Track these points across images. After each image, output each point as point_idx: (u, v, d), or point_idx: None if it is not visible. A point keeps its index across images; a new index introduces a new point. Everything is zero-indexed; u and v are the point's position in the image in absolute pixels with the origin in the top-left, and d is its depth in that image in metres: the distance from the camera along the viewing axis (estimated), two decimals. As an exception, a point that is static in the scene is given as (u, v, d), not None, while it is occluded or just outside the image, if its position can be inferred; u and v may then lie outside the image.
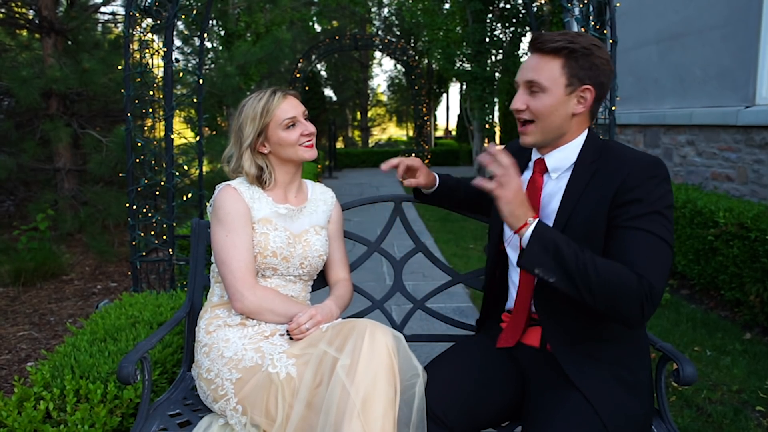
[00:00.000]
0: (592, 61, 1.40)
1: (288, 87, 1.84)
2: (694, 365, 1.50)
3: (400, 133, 32.23)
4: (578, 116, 1.46)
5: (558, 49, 1.39)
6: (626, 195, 1.36)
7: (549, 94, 1.41)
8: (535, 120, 1.45)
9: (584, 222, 1.40)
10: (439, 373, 1.56)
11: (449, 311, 4.01)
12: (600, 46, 1.42)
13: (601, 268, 1.29)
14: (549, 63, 1.41)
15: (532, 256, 1.33)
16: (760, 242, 3.35)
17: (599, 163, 1.43)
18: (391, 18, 22.88)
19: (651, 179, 1.35)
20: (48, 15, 5.58)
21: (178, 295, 2.60)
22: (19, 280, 4.55)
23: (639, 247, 1.32)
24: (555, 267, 1.31)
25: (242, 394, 1.53)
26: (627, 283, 1.27)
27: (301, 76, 12.38)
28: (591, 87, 1.42)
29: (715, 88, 5.31)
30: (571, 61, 1.39)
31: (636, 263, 1.30)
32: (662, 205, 1.35)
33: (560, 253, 1.30)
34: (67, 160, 5.79)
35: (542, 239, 1.32)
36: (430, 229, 7.20)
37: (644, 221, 1.33)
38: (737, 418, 2.51)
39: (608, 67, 1.44)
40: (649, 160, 1.39)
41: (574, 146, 1.48)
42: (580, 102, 1.43)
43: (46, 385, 1.78)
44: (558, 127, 1.45)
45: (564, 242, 1.32)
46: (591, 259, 1.30)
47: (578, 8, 3.01)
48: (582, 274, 1.28)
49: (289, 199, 1.83)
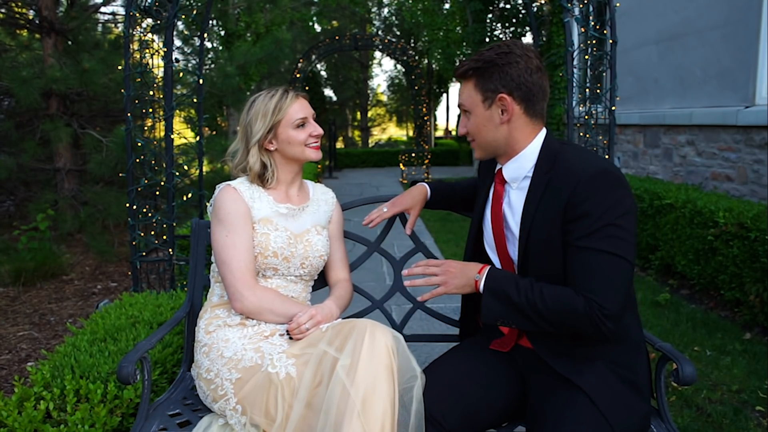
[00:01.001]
0: (501, 70, 1.44)
1: (289, 86, 1.85)
2: (693, 365, 1.50)
3: (400, 133, 32.24)
4: (511, 123, 1.47)
5: (466, 72, 1.49)
6: (575, 210, 1.36)
7: (474, 114, 1.51)
8: (474, 138, 1.55)
9: (542, 239, 1.44)
10: (437, 376, 1.56)
11: (449, 311, 4.00)
12: (508, 51, 1.44)
13: (549, 300, 1.37)
14: (466, 86, 1.51)
15: (489, 312, 1.44)
16: (759, 242, 3.35)
17: (552, 173, 1.44)
18: (391, 18, 22.89)
19: (597, 191, 1.35)
20: (48, 15, 5.58)
21: (178, 295, 2.60)
22: (19, 280, 4.56)
23: (589, 270, 1.35)
24: (510, 313, 1.42)
25: (242, 394, 1.53)
26: (575, 309, 1.34)
27: (301, 76, 12.37)
28: (506, 94, 1.44)
29: (715, 88, 5.31)
30: (479, 78, 1.47)
31: (583, 285, 1.35)
32: (614, 215, 1.34)
33: (511, 300, 1.41)
34: (68, 160, 5.79)
35: (492, 290, 1.43)
36: (430, 229, 7.21)
37: (593, 239, 1.34)
38: (737, 417, 2.51)
39: (525, 66, 1.43)
40: (595, 169, 1.37)
41: (528, 155, 1.50)
42: (503, 110, 1.46)
43: (47, 385, 1.78)
44: (493, 139, 1.51)
45: (512, 285, 1.41)
46: (540, 295, 1.38)
47: (578, 8, 3.01)
48: (534, 311, 1.39)
49: (291, 198, 1.83)
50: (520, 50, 1.45)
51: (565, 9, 2.92)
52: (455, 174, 13.71)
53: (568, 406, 1.38)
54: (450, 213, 2.11)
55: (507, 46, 1.46)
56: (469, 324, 1.87)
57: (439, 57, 12.21)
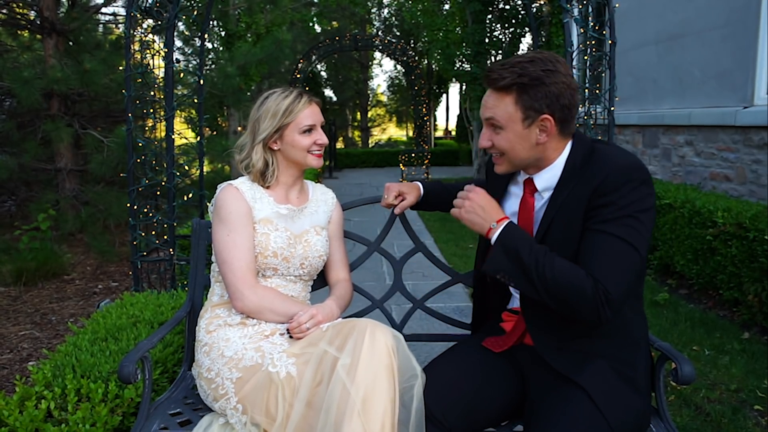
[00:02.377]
0: (546, 89, 1.37)
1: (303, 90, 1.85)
2: (692, 364, 1.50)
3: (400, 133, 32.24)
4: (546, 144, 1.44)
5: (508, 86, 1.39)
6: (600, 198, 1.36)
7: (508, 131, 1.43)
8: (504, 154, 1.47)
9: (563, 227, 1.42)
10: (437, 375, 1.56)
11: (449, 311, 4.01)
12: (553, 69, 1.38)
13: (559, 272, 1.33)
14: (503, 100, 1.41)
15: (494, 263, 1.41)
16: (758, 242, 3.36)
17: (585, 169, 1.43)
18: (391, 19, 22.89)
19: (627, 183, 1.34)
20: (49, 16, 5.59)
21: (178, 294, 2.61)
22: (20, 279, 4.57)
23: (601, 252, 1.33)
24: (514, 271, 1.38)
25: (242, 393, 1.53)
26: (582, 288, 1.31)
27: (302, 77, 12.38)
28: (549, 116, 1.40)
29: (714, 88, 5.31)
30: (523, 95, 1.38)
31: (595, 268, 1.32)
32: (636, 208, 1.34)
33: (520, 258, 1.37)
34: (69, 160, 5.80)
35: (504, 245, 1.40)
36: (430, 229, 7.21)
37: (612, 225, 1.33)
38: (736, 417, 2.52)
39: (568, 87, 1.39)
40: (628, 163, 1.37)
41: (560, 163, 1.48)
42: (543, 131, 1.42)
43: (48, 384, 1.79)
44: (526, 157, 1.46)
45: (526, 246, 1.38)
46: (551, 263, 1.34)
47: (577, 9, 3.02)
48: (540, 278, 1.35)
49: (291, 199, 1.84)
50: (564, 68, 1.40)
51: (564, 10, 2.93)
52: (455, 174, 13.71)
53: (566, 404, 1.38)
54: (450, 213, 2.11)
55: (551, 63, 1.39)
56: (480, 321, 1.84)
57: (439, 57, 12.19)
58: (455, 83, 19.70)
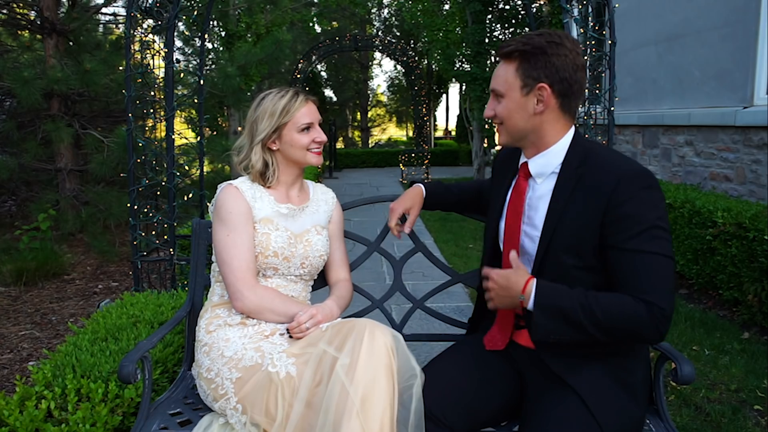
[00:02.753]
0: (547, 59, 1.39)
1: (299, 89, 1.85)
2: (692, 364, 1.51)
3: (400, 133, 32.23)
4: (544, 115, 1.44)
5: (511, 53, 1.43)
6: (618, 210, 1.34)
7: (508, 98, 1.46)
8: (502, 122, 1.50)
9: (572, 232, 1.41)
10: (437, 374, 1.56)
11: (449, 311, 4.02)
12: (559, 42, 1.40)
13: (607, 308, 1.31)
14: (506, 68, 1.46)
15: (543, 330, 1.37)
16: (758, 242, 3.36)
17: (584, 169, 1.42)
18: (391, 19, 22.88)
19: (641, 191, 1.34)
20: (49, 16, 5.59)
21: (178, 294, 2.61)
22: (20, 279, 4.57)
23: (644, 271, 1.32)
24: (566, 329, 1.35)
25: (242, 393, 1.54)
26: (637, 316, 1.30)
27: (302, 77, 12.39)
28: (547, 85, 1.41)
29: (714, 88, 5.31)
30: (524, 62, 1.42)
31: (643, 289, 1.31)
32: (656, 216, 1.34)
33: (566, 315, 1.34)
34: (69, 160, 5.81)
35: (545, 309, 1.36)
36: (430, 229, 7.21)
37: (642, 241, 1.32)
38: (735, 417, 2.52)
39: (573, 61, 1.40)
40: (637, 170, 1.37)
41: (557, 151, 1.47)
42: (540, 101, 1.43)
43: (48, 384, 1.79)
44: (523, 127, 1.47)
45: (567, 300, 1.35)
46: (596, 303, 1.32)
47: (577, 9, 3.02)
48: (593, 323, 1.32)
49: (291, 198, 1.84)
50: (571, 44, 1.41)
51: (564, 10, 2.94)
52: (455, 174, 13.71)
53: (558, 406, 1.38)
54: (450, 213, 2.11)
55: (558, 36, 1.41)
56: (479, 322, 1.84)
57: (439, 58, 12.20)
58: (455, 83, 19.70)
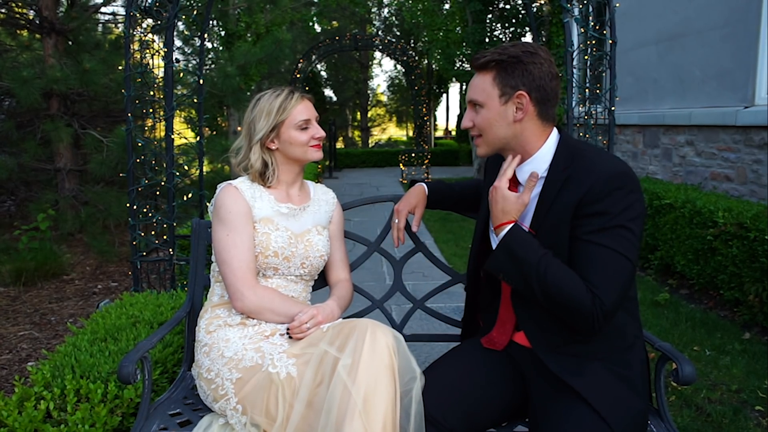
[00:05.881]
0: (523, 67, 1.42)
1: (294, 87, 1.85)
2: (693, 365, 1.50)
3: (400, 133, 32.24)
4: (523, 123, 1.46)
5: (487, 63, 1.45)
6: (590, 207, 1.36)
7: (487, 108, 1.48)
8: (481, 134, 1.51)
9: (551, 229, 1.43)
10: (437, 377, 1.56)
11: (449, 311, 4.01)
12: (534, 52, 1.44)
13: (559, 282, 1.35)
14: (483, 78, 1.47)
15: (498, 263, 1.44)
16: (759, 242, 3.35)
17: (570, 170, 1.43)
18: (391, 18, 22.89)
19: (616, 191, 1.35)
20: (48, 15, 5.59)
21: (178, 294, 2.61)
22: (20, 279, 4.56)
23: (597, 264, 1.35)
24: (516, 274, 1.41)
25: (242, 393, 1.53)
26: (581, 302, 1.34)
27: (301, 77, 12.38)
28: (525, 92, 1.43)
29: (715, 88, 5.31)
30: (501, 72, 1.44)
31: (592, 280, 1.34)
32: (626, 217, 1.35)
33: (522, 265, 1.39)
34: (68, 160, 5.80)
35: (509, 247, 1.42)
36: (430, 229, 7.21)
37: (605, 236, 1.35)
38: (736, 417, 2.52)
39: (548, 70, 1.44)
40: (616, 170, 1.38)
41: (542, 156, 1.49)
42: (519, 108, 1.45)
43: (47, 384, 1.79)
44: (503, 136, 1.49)
45: (531, 250, 1.39)
46: (552, 273, 1.36)
47: (578, 9, 3.02)
48: (539, 285, 1.37)
49: (292, 198, 1.84)
50: (545, 54, 1.45)
51: (564, 9, 2.93)
52: (455, 174, 13.71)
53: (568, 420, 1.38)
54: (450, 213, 2.11)
55: (532, 46, 1.45)
56: (471, 324, 1.87)
57: (439, 57, 12.21)
58: (455, 83, 19.73)
